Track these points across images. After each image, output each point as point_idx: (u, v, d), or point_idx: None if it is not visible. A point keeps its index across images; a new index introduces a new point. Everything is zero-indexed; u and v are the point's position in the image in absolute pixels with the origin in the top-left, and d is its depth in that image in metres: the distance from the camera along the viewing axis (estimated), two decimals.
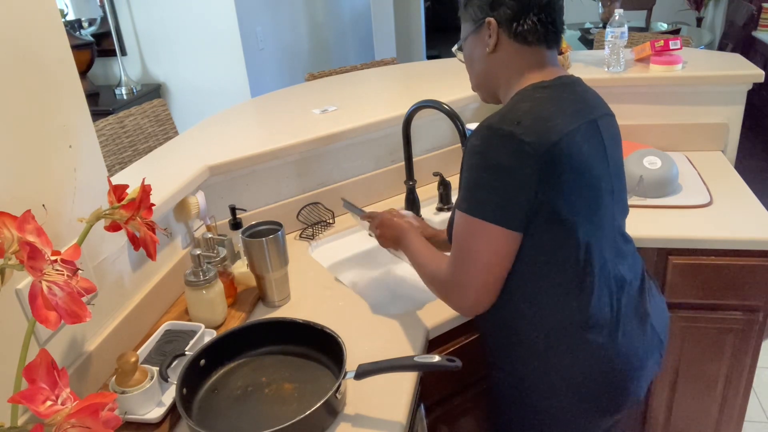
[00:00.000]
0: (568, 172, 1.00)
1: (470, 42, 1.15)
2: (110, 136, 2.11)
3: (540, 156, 0.97)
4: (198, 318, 1.28)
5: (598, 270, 1.08)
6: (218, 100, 3.53)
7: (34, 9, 0.96)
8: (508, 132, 0.98)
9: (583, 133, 1.04)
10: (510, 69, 1.11)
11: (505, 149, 0.98)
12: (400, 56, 5.42)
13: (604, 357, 1.09)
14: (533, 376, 1.14)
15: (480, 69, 1.16)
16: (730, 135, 2.00)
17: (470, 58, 1.17)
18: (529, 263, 1.06)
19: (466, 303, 1.08)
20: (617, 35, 2.00)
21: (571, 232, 1.04)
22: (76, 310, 0.79)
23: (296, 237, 1.69)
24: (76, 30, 3.56)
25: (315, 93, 2.12)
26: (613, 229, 1.13)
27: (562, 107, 1.04)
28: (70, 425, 0.73)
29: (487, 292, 1.07)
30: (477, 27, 1.12)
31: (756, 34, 4.52)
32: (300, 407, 1.04)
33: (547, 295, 1.08)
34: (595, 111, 1.10)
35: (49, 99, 1.00)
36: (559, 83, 1.09)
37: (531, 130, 0.98)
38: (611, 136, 1.13)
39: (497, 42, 1.09)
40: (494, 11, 1.08)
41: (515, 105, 1.04)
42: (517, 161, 0.98)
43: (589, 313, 1.08)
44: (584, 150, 1.03)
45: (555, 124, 1.00)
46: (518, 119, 0.99)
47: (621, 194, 1.17)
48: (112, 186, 1.02)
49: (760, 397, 2.30)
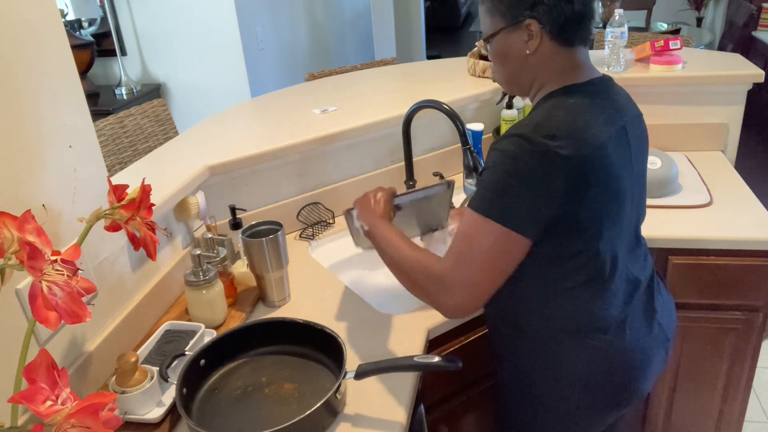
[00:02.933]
0: (596, 186, 0.99)
1: (502, 38, 1.08)
2: (110, 136, 2.11)
3: (571, 170, 0.96)
4: (198, 318, 1.28)
5: (615, 275, 1.08)
6: (218, 100, 3.53)
7: (34, 9, 0.96)
8: (543, 144, 0.96)
9: (614, 142, 1.03)
10: (547, 70, 1.07)
11: (537, 160, 0.96)
12: (400, 56, 5.42)
13: (611, 353, 1.10)
14: (539, 369, 1.14)
15: (515, 68, 1.10)
16: (730, 135, 2.00)
17: (502, 55, 1.10)
18: (545, 268, 1.05)
19: (455, 303, 1.03)
20: (617, 35, 1.99)
21: (591, 241, 1.03)
22: (76, 310, 0.79)
23: (296, 237, 1.69)
24: (76, 30, 3.56)
25: (315, 93, 2.12)
26: (630, 233, 1.13)
27: (595, 115, 1.02)
28: (70, 425, 0.73)
29: (478, 296, 1.03)
30: (513, 25, 1.05)
31: (756, 34, 4.52)
32: (300, 407, 1.04)
33: (561, 299, 1.07)
34: (625, 115, 1.09)
35: (49, 99, 1.00)
36: (592, 87, 1.06)
37: (567, 143, 0.96)
38: (638, 139, 1.12)
39: (539, 44, 1.04)
40: (533, 10, 1.01)
41: (550, 114, 1.01)
42: (548, 173, 0.96)
43: (600, 315, 1.08)
44: (613, 159, 1.02)
45: (589, 135, 0.98)
46: (553, 131, 0.97)
47: (640, 199, 1.17)
48: (112, 186, 1.02)
49: (760, 397, 2.30)
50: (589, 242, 1.03)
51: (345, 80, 2.29)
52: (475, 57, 2.13)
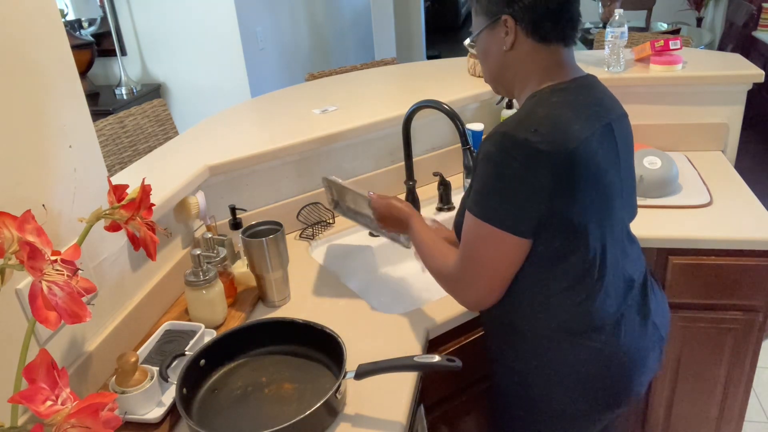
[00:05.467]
0: (583, 180, 1.00)
1: (485, 37, 1.11)
2: (110, 136, 2.11)
3: (555, 165, 0.97)
4: (198, 318, 1.28)
5: (608, 274, 1.08)
6: (218, 100, 3.53)
7: (34, 9, 0.96)
8: (524, 140, 0.97)
9: (599, 138, 1.04)
10: (527, 67, 1.08)
11: (520, 157, 0.97)
12: (400, 56, 5.42)
13: (605, 354, 1.10)
14: (534, 371, 1.14)
15: (495, 65, 1.12)
16: (730, 135, 2.00)
17: (485, 53, 1.14)
18: (538, 267, 1.06)
19: (472, 300, 1.11)
20: (617, 35, 1.99)
21: (582, 238, 1.03)
22: (76, 310, 0.79)
23: (296, 237, 1.69)
24: (76, 30, 3.56)
25: (315, 93, 2.12)
26: (621, 232, 1.13)
27: (579, 112, 1.03)
28: (70, 425, 0.73)
29: (491, 292, 1.08)
30: (492, 22, 1.08)
31: (756, 34, 4.52)
32: (300, 407, 1.04)
33: (555, 298, 1.08)
34: (611, 113, 1.09)
35: (49, 99, 1.00)
36: (576, 85, 1.07)
37: (547, 138, 0.97)
38: (624, 138, 1.12)
39: (515, 40, 1.07)
40: (510, 7, 1.04)
41: (532, 110, 1.02)
42: (532, 170, 0.97)
43: (594, 316, 1.08)
44: (599, 156, 1.02)
45: (572, 131, 0.99)
46: (535, 126, 0.98)
47: (630, 197, 1.17)
48: (112, 186, 1.02)
49: (760, 397, 2.30)
50: (580, 240, 1.03)
51: (345, 80, 2.29)
52: (475, 57, 2.13)
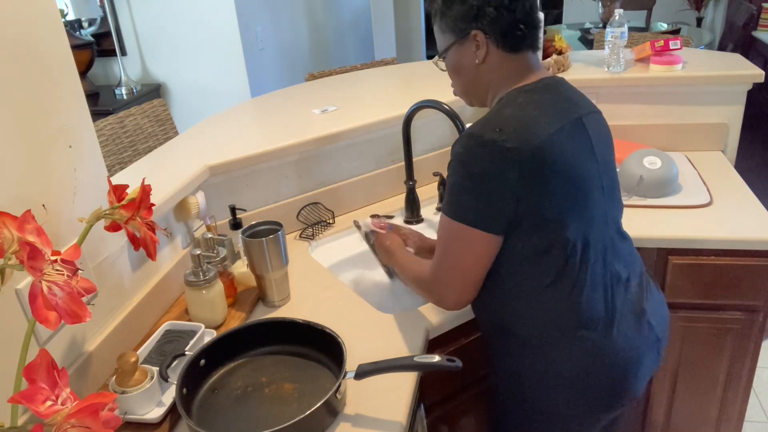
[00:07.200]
0: (552, 174, 1.02)
1: (454, 53, 1.16)
2: (110, 136, 2.11)
3: (522, 161, 0.99)
4: (198, 318, 1.28)
5: (591, 268, 1.08)
6: (218, 100, 3.53)
7: (34, 9, 0.96)
8: (490, 139, 1.01)
9: (567, 132, 1.06)
10: (499, 76, 1.13)
11: (486, 156, 1.01)
12: (400, 56, 5.42)
13: (598, 353, 1.10)
14: (529, 372, 1.14)
15: (468, 79, 1.17)
16: (730, 135, 2.00)
17: (456, 68, 1.18)
18: (519, 263, 1.07)
19: (449, 299, 1.13)
20: (617, 35, 2.00)
21: (559, 232, 1.05)
22: (76, 310, 0.79)
23: (296, 237, 1.69)
24: (76, 30, 3.56)
25: (315, 93, 2.12)
26: (606, 226, 1.13)
27: (545, 109, 1.06)
28: (70, 425, 0.73)
29: (466, 289, 1.12)
30: (461, 38, 1.12)
31: (756, 34, 4.52)
32: (300, 407, 1.04)
33: (539, 293, 1.09)
34: (581, 109, 1.12)
35: (49, 99, 1.00)
36: (542, 85, 1.11)
37: (513, 135, 1.00)
38: (599, 133, 1.14)
39: (486, 53, 1.11)
40: (478, 22, 1.09)
41: (499, 111, 1.06)
42: (499, 168, 1.00)
43: (582, 310, 1.08)
44: (568, 149, 1.04)
45: (538, 127, 1.02)
46: (500, 125, 1.02)
47: (613, 191, 1.17)
48: (112, 186, 1.02)
49: (760, 397, 2.30)
50: (557, 234, 1.05)
51: (345, 80, 2.29)
52: None
